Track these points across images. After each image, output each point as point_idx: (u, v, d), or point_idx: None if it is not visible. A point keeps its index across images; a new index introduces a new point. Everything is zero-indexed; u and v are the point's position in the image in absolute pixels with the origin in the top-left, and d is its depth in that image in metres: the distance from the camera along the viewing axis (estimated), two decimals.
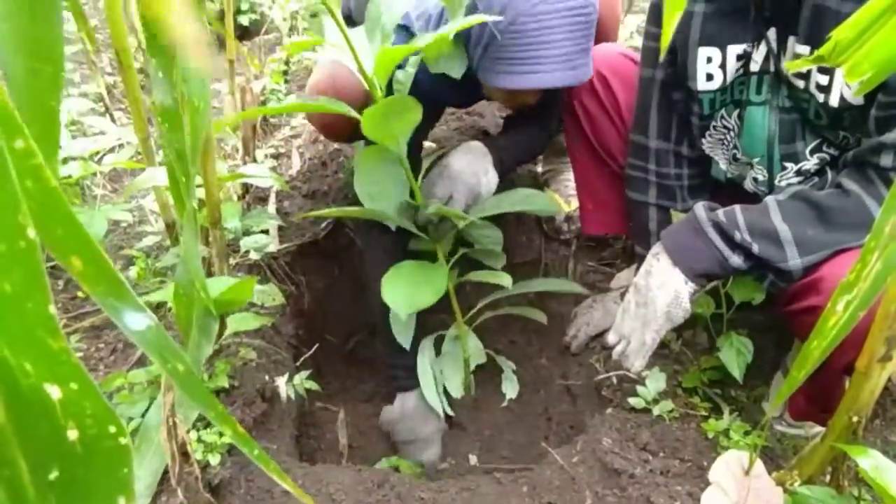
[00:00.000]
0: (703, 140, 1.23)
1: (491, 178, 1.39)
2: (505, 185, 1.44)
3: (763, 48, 1.06)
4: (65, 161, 1.47)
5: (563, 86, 1.18)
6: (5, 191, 0.26)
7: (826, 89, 1.00)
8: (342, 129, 1.45)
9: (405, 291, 1.14)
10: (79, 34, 2.33)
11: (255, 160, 1.88)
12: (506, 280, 1.30)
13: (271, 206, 1.76)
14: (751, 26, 1.06)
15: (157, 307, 1.37)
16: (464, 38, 1.21)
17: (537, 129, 1.57)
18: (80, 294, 1.50)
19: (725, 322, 1.21)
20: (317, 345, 1.52)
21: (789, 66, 0.60)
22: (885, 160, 0.95)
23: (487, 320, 1.54)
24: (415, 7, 1.33)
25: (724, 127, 1.18)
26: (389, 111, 1.03)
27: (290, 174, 1.94)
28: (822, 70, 0.98)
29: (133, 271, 1.46)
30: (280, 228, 1.69)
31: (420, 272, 1.22)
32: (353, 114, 1.08)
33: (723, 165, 1.24)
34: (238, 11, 3.37)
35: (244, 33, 3.42)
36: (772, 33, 1.04)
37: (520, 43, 1.13)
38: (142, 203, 1.69)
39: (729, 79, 1.12)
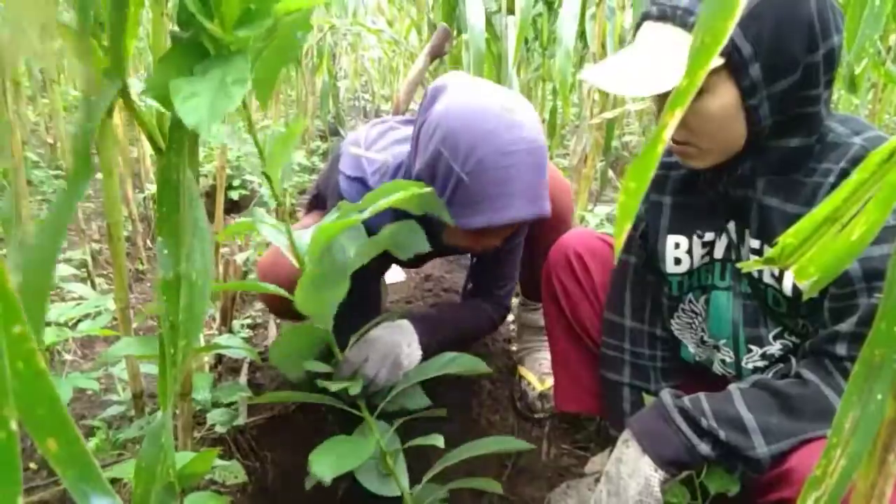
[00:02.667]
0: (672, 321, 1.27)
1: (413, 352, 1.37)
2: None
3: (725, 238, 1.14)
4: None
5: (531, 218, 1.23)
6: None
7: (779, 279, 1.07)
8: (281, 307, 1.51)
9: (330, 460, 1.12)
10: None
11: (231, 330, 1.89)
12: (438, 441, 1.22)
13: (243, 377, 1.74)
14: (714, 218, 1.15)
15: (112, 482, 1.30)
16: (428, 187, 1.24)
17: (490, 307, 1.63)
18: (31, 465, 1.43)
19: None
20: None
21: (743, 267, 0.65)
22: (840, 350, 0.99)
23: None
24: (370, 163, 1.40)
25: (693, 311, 1.23)
26: (318, 284, 1.05)
27: (265, 345, 1.94)
28: None
29: (92, 443, 1.41)
30: (250, 399, 1.66)
31: (349, 444, 1.18)
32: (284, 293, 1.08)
33: (691, 349, 1.28)
34: (230, 187, 3.56)
35: (233, 206, 3.58)
36: (731, 225, 1.13)
37: (489, 180, 1.18)
38: (111, 371, 1.67)
39: (695, 264, 1.19)
